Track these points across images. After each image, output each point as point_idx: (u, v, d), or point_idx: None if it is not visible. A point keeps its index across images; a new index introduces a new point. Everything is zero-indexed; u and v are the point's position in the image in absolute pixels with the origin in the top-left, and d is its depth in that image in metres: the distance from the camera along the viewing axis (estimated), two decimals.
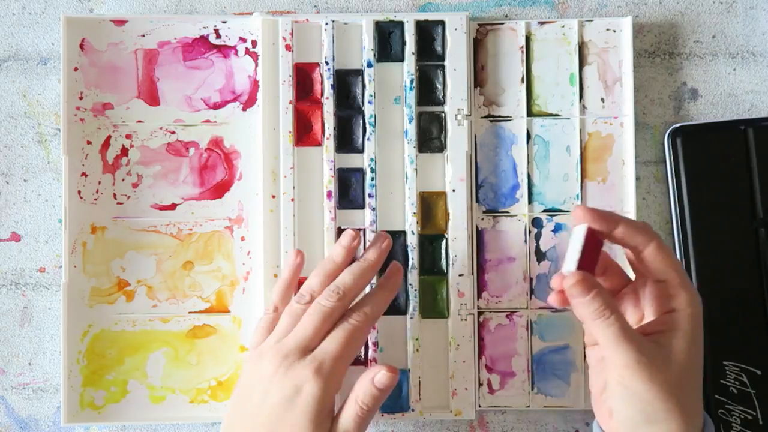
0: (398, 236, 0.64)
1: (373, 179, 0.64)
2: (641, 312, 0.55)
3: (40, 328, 0.66)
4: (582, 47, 0.65)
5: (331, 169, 0.64)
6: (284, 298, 0.60)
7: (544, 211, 0.65)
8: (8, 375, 0.66)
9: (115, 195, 0.65)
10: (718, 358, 0.62)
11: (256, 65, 0.65)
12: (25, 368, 0.66)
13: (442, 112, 0.64)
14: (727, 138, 0.64)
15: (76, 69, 0.64)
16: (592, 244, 0.51)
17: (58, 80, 0.65)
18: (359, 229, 0.62)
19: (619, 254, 0.61)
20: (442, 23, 0.64)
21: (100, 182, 0.65)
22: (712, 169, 0.63)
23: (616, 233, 0.52)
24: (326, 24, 0.64)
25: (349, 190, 0.64)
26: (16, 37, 0.66)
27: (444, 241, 0.64)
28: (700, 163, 0.63)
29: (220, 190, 0.65)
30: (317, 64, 0.64)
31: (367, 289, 0.60)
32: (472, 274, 0.64)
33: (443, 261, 0.64)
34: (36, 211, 0.66)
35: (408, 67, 0.64)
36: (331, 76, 0.64)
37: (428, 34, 0.64)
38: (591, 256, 0.51)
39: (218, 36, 0.65)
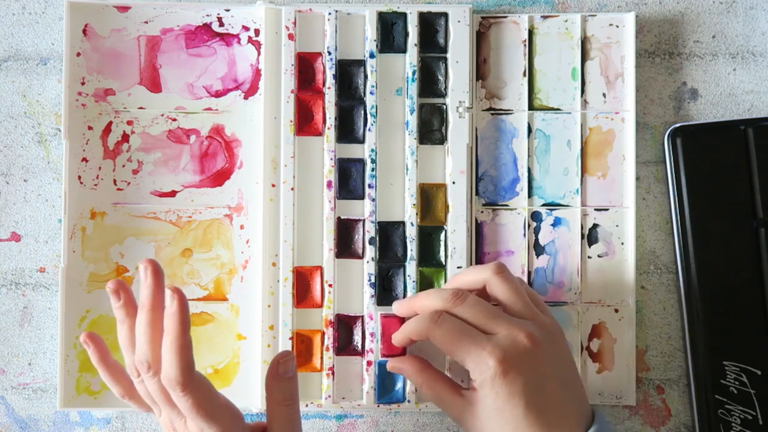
0: (397, 227, 0.57)
1: (373, 170, 0.57)
2: None
3: (40, 328, 0.58)
4: (584, 42, 0.58)
5: (331, 159, 0.56)
6: (130, 387, 0.51)
7: (543, 204, 0.57)
8: (8, 375, 0.58)
9: (115, 181, 0.57)
10: (718, 358, 0.56)
11: (259, 54, 0.58)
12: (25, 368, 0.58)
13: (444, 104, 0.57)
14: (727, 138, 0.57)
15: (78, 54, 0.57)
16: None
17: (58, 80, 0.58)
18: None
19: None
20: (445, 15, 0.57)
21: (100, 168, 0.57)
22: (712, 169, 0.57)
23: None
24: (329, 14, 0.57)
25: (349, 181, 0.57)
26: (16, 37, 0.59)
27: (443, 233, 0.57)
28: (700, 163, 0.57)
29: (220, 178, 0.57)
30: (320, 54, 0.57)
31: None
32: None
33: (442, 253, 0.57)
34: (36, 211, 0.58)
35: (410, 59, 0.57)
36: (333, 66, 0.56)
37: (431, 25, 0.57)
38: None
39: (221, 24, 0.57)
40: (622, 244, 0.57)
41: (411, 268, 0.56)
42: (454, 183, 0.56)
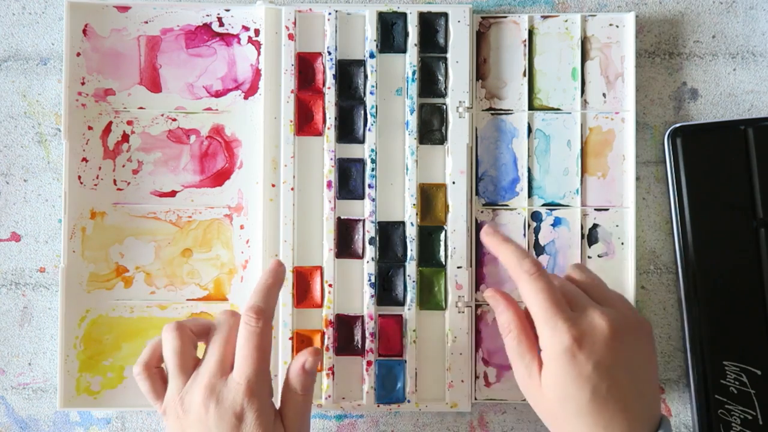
0: (397, 227, 0.57)
1: (373, 170, 0.57)
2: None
3: (40, 328, 0.58)
4: (584, 42, 0.57)
5: (331, 159, 0.56)
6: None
7: (543, 205, 0.57)
8: (8, 375, 0.58)
9: (115, 181, 0.57)
10: (718, 358, 0.55)
11: (259, 54, 0.57)
12: (25, 368, 0.58)
13: (444, 104, 0.57)
14: (727, 138, 0.57)
15: (78, 54, 0.57)
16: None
17: (58, 80, 0.58)
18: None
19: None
20: (445, 15, 0.57)
21: (100, 168, 0.57)
22: (712, 169, 0.56)
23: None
24: (329, 14, 0.56)
25: (349, 181, 0.57)
26: (16, 37, 0.59)
27: (443, 233, 0.56)
28: (700, 163, 0.56)
29: (220, 178, 0.57)
30: (320, 54, 0.57)
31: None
32: (471, 266, 0.57)
33: (442, 253, 0.57)
34: (36, 211, 0.58)
35: (410, 59, 0.57)
36: (333, 66, 0.56)
37: (431, 25, 0.57)
38: None
39: (221, 24, 0.57)
40: (622, 244, 0.57)
41: (411, 268, 0.56)
42: (454, 183, 0.56)
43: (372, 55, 0.56)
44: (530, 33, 0.57)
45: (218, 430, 0.48)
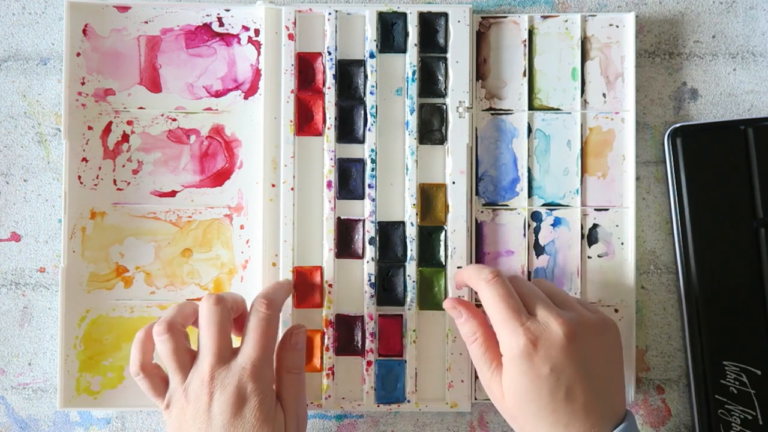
0: (397, 227, 0.57)
1: (373, 170, 0.57)
2: None
3: (40, 328, 0.58)
4: (585, 42, 0.57)
5: (331, 159, 0.56)
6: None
7: (543, 205, 0.57)
8: (8, 375, 0.58)
9: (115, 181, 0.57)
10: (718, 358, 0.55)
11: (259, 54, 0.57)
12: (25, 368, 0.58)
13: (444, 104, 0.57)
14: (727, 138, 0.57)
15: (78, 54, 0.57)
16: None
17: (58, 80, 0.58)
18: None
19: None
20: (445, 15, 0.57)
21: (100, 168, 0.57)
22: (712, 169, 0.56)
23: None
24: (329, 14, 0.56)
25: (349, 181, 0.57)
26: (16, 37, 0.59)
27: (443, 233, 0.56)
28: (700, 163, 0.56)
29: (220, 178, 0.57)
30: (320, 54, 0.57)
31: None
32: None
33: (442, 253, 0.57)
34: (36, 211, 0.58)
35: (410, 59, 0.56)
36: (333, 66, 0.56)
37: (431, 25, 0.57)
38: None
39: (221, 24, 0.57)
40: (622, 244, 0.57)
41: (411, 268, 0.56)
42: (454, 183, 0.56)
43: (372, 55, 0.56)
44: (530, 33, 0.57)
45: (222, 415, 0.48)
